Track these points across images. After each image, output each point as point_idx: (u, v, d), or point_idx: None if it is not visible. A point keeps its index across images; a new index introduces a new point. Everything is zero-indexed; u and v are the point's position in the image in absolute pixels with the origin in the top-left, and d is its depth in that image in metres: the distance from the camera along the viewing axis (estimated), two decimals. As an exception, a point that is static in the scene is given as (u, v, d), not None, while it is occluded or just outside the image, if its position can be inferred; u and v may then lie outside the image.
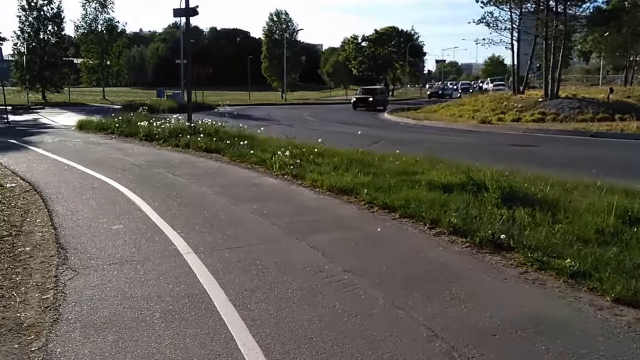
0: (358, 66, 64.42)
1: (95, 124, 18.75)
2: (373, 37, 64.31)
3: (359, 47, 65.12)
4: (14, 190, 8.78)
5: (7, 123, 21.99)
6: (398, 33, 64.50)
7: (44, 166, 10.99)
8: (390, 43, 63.87)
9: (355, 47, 65.25)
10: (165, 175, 10.13)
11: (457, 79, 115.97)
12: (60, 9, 45.20)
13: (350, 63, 65.51)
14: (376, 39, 63.93)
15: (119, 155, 12.65)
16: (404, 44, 63.60)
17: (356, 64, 64.48)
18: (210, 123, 15.65)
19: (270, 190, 8.88)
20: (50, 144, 14.74)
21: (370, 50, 63.83)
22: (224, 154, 12.54)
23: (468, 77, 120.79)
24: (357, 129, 22.82)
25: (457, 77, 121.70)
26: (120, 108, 31.21)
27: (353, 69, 65.32)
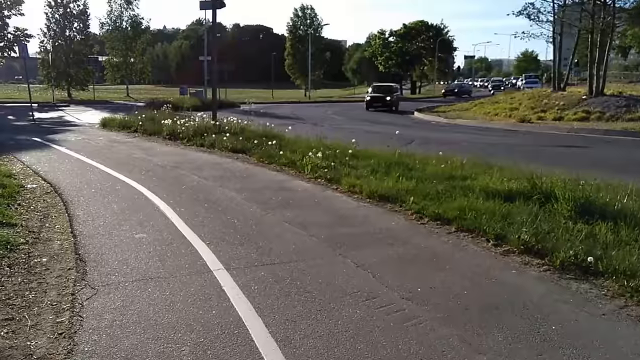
0: (385, 62, 63.21)
1: (118, 122, 18.44)
2: (401, 32, 62.83)
3: (386, 43, 63.82)
4: (34, 191, 8.37)
5: (32, 120, 21.89)
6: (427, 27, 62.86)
7: (67, 166, 10.60)
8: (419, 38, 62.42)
9: (382, 42, 63.97)
10: (191, 177, 9.61)
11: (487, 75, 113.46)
12: (86, 5, 45.56)
13: (376, 59, 64.35)
14: (404, 33, 62.42)
15: (142, 155, 12.22)
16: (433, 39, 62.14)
17: (383, 60, 63.26)
18: (235, 121, 15.14)
19: (304, 196, 8.27)
20: (74, 143, 14.42)
21: (397, 46, 62.51)
22: (251, 154, 12.00)
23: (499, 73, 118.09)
24: (387, 128, 22.20)
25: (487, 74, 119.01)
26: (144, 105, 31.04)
27: (379, 65, 64.15)
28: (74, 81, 44.77)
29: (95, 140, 15.06)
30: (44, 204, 7.59)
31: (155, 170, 10.23)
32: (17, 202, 7.53)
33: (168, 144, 14.45)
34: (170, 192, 8.28)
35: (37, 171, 9.99)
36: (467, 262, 5.24)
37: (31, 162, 11.09)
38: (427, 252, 5.61)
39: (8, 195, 7.66)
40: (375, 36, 66.49)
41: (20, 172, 9.93)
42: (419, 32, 62.60)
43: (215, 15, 15.87)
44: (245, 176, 9.86)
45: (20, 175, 9.61)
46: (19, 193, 8.06)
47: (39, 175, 9.63)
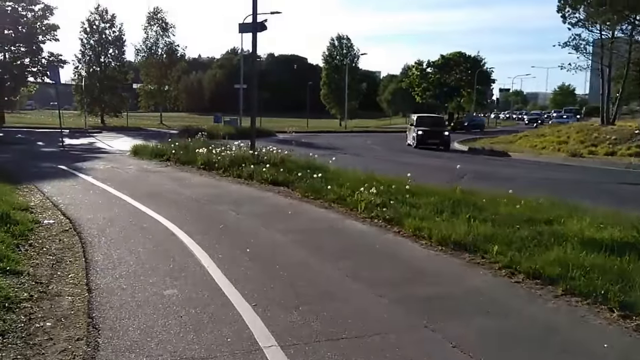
0: (422, 93, 62.31)
1: (150, 150, 17.76)
2: (439, 63, 61.94)
3: (424, 74, 63.02)
4: (51, 228, 7.44)
5: (61, 147, 21.51)
6: (465, 59, 62.01)
7: (91, 198, 9.72)
8: (457, 69, 61.51)
9: (420, 73, 63.22)
10: (228, 213, 8.56)
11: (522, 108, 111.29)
12: (121, 32, 46.27)
13: (413, 90, 63.54)
14: (442, 64, 61.56)
15: (174, 187, 11.29)
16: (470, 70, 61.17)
17: (420, 91, 62.39)
18: (275, 151, 14.18)
19: (363, 242, 7.09)
20: (101, 171, 13.67)
21: (435, 77, 61.61)
22: (293, 187, 10.93)
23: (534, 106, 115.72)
24: (432, 160, 20.98)
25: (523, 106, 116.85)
26: (177, 133, 30.69)
27: (417, 96, 63.29)
28: (108, 107, 45.14)
29: (124, 169, 14.30)
30: (59, 244, 6.62)
31: (188, 204, 9.23)
32: (29, 242, 6.60)
33: (202, 175, 13.54)
34: (205, 232, 7.22)
35: (57, 204, 9.12)
36: (594, 342, 3.98)
37: (52, 192, 10.27)
38: (537, 325, 4.35)
39: (19, 234, 6.73)
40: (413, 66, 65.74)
41: (38, 205, 9.07)
42: (457, 63, 61.65)
43: (256, 38, 15.14)
44: (290, 214, 8.75)
45: (38, 209, 8.74)
46: (33, 231, 7.13)
47: (59, 208, 8.75)
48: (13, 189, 10.48)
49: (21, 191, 10.48)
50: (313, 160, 13.39)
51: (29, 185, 11.20)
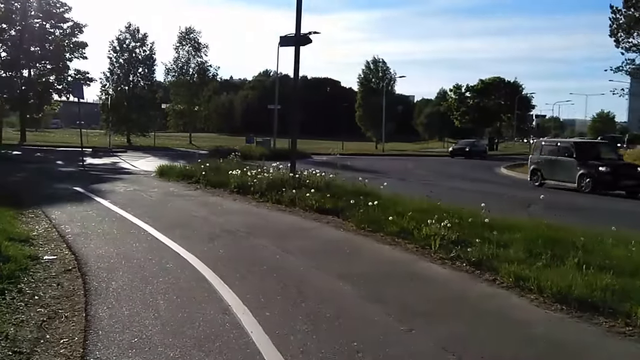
0: (461, 117, 60.92)
1: (177, 171, 16.49)
2: (478, 87, 60.94)
3: (462, 98, 61.85)
4: (50, 267, 6.07)
5: (81, 166, 20.54)
6: (504, 84, 60.94)
7: (105, 227, 8.35)
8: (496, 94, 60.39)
9: (459, 97, 62.06)
10: (272, 250, 7.04)
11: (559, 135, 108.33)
12: (152, 51, 46.05)
13: (452, 114, 62.27)
14: (481, 89, 60.51)
15: (204, 214, 9.86)
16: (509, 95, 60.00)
17: (459, 115, 61.04)
18: (318, 174, 12.68)
19: (450, 294, 5.50)
20: (121, 195, 12.39)
21: (474, 101, 60.33)
22: (345, 217, 9.37)
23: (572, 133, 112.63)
24: (484, 186, 19.15)
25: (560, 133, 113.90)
26: (207, 154, 29.65)
27: (455, 120, 61.96)
28: (135, 127, 44.65)
29: (148, 192, 12.99)
30: (57, 291, 5.21)
31: (222, 237, 7.74)
32: (19, 286, 5.21)
33: (236, 200, 12.10)
34: (244, 276, 5.72)
35: (64, 234, 7.78)
36: None
37: (61, 219, 8.96)
38: None
39: (8, 275, 5.35)
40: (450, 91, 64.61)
41: (41, 235, 7.74)
42: (496, 88, 60.48)
43: (299, 53, 13.81)
44: (348, 252, 7.19)
45: (40, 240, 7.41)
46: (27, 270, 5.75)
47: (65, 240, 7.39)
48: (16, 214, 9.25)
49: (25, 217, 9.22)
50: (361, 185, 11.82)
51: (36, 209, 9.95)
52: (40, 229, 8.25)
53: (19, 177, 16.28)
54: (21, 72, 39.02)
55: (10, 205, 9.91)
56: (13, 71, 38.20)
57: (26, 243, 7.13)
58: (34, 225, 8.54)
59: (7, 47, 38.15)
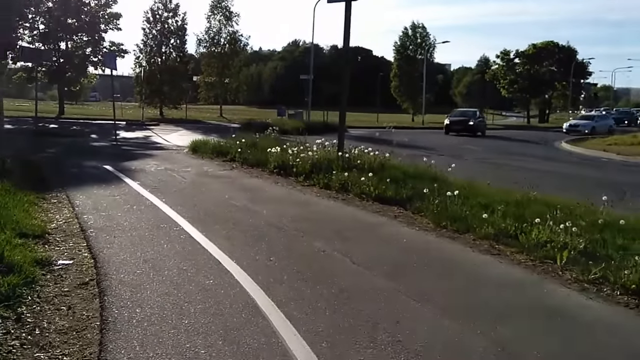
0: (509, 86, 57.21)
1: (211, 147, 15.18)
2: (529, 53, 56.56)
3: (510, 65, 57.77)
4: (63, 278, 4.82)
5: (114, 141, 19.47)
6: (559, 49, 56.45)
7: (132, 219, 7.07)
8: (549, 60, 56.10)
9: (506, 64, 58.00)
10: (337, 260, 5.55)
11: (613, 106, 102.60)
12: (184, 21, 44.63)
13: (498, 83, 58.58)
14: (533, 55, 56.17)
15: (244, 202, 8.49)
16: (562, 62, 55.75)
17: (506, 84, 57.30)
18: (370, 153, 11.18)
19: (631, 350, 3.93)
20: (152, 175, 11.13)
21: (524, 68, 56.34)
22: (414, 209, 7.82)
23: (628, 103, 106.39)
24: (557, 166, 17.27)
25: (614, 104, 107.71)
26: (240, 127, 28.35)
27: (501, 89, 58.38)
28: (167, 99, 43.69)
29: (180, 172, 11.71)
30: (66, 321, 3.93)
31: (270, 237, 6.34)
32: (19, 310, 3.95)
33: (278, 183, 10.70)
34: (312, 303, 4.30)
35: (85, 227, 6.52)
36: None
37: (85, 207, 7.74)
38: None
39: (7, 295, 4.10)
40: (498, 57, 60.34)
41: (59, 228, 6.51)
42: (550, 53, 56.07)
43: (350, 10, 12.13)
44: (443, 266, 5.53)
45: (58, 235, 6.17)
46: (33, 284, 4.51)
47: (86, 236, 6.13)
48: (37, 198, 8.09)
49: (47, 202, 8.05)
50: (425, 167, 10.28)
51: (60, 193, 8.77)
52: (61, 219, 7.04)
53: (49, 153, 15.24)
54: (58, 44, 38.41)
55: (34, 187, 8.78)
56: (50, 43, 37.58)
57: (40, 240, 5.92)
58: (55, 213, 7.34)
59: (45, 19, 37.47)
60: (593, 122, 38.53)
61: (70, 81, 41.29)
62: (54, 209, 7.67)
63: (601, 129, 37.28)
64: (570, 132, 37.17)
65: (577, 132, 36.29)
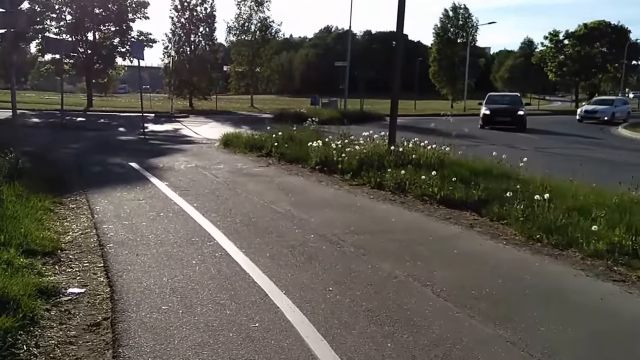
0: (557, 69, 54.43)
1: (244, 141, 14.23)
2: (580, 33, 53.55)
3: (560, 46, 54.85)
4: (73, 314, 3.90)
5: (142, 134, 18.76)
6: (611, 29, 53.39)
7: (159, 229, 6.14)
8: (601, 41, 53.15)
9: (555, 45, 55.10)
10: (411, 287, 4.46)
11: None
12: (213, 8, 43.83)
13: (546, 65, 55.84)
14: (583, 35, 53.12)
15: (287, 206, 7.47)
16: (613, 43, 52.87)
17: (554, 67, 54.52)
18: (426, 146, 10.03)
19: None
20: (181, 174, 10.23)
21: (574, 50, 53.46)
22: (492, 215, 6.66)
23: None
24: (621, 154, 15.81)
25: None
26: (272, 117, 27.43)
27: (549, 72, 55.66)
28: (197, 90, 43.08)
29: (212, 170, 10.79)
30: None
31: (323, 255, 5.28)
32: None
33: (322, 181, 9.65)
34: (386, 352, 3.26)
35: (104, 240, 5.62)
36: None
37: (106, 213, 6.86)
38: None
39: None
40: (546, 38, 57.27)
41: (74, 242, 5.63)
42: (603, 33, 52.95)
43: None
44: (555, 299, 4.36)
45: (71, 253, 5.28)
46: (32, 326, 3.59)
47: (103, 254, 5.22)
48: (54, 203, 7.30)
49: (64, 207, 7.22)
50: (490, 162, 9.06)
51: (80, 196, 7.95)
52: (77, 229, 6.17)
53: (73, 149, 14.57)
54: (85, 35, 38.09)
55: (52, 189, 8.00)
56: (77, 34, 37.27)
57: (50, 258, 5.06)
58: (71, 222, 6.49)
59: (71, 9, 37.13)
60: (612, 107, 33.21)
61: (98, 73, 41.07)
62: (71, 216, 6.82)
63: (622, 115, 33.04)
64: (586, 119, 32.26)
65: (593, 119, 31.70)
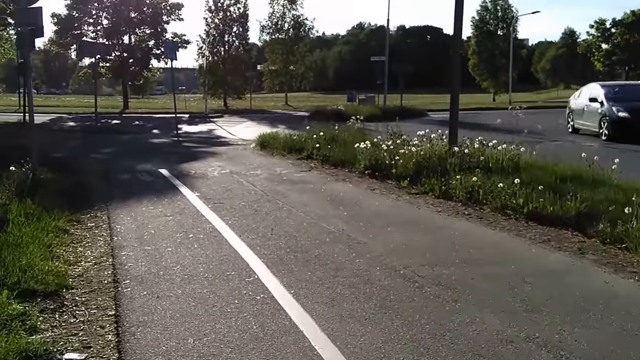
0: (605, 58, 51.91)
1: (282, 142, 13.08)
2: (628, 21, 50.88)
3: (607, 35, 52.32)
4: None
5: (175, 136, 17.89)
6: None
7: (185, 259, 5.00)
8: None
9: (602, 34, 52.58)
10: (533, 356, 3.23)
11: None
12: (246, 8, 43.23)
13: (593, 55, 53.34)
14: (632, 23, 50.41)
15: (340, 224, 6.19)
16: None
17: (601, 56, 51.99)
18: (496, 147, 8.65)
19: None
20: (215, 182, 9.12)
21: (622, 38, 50.85)
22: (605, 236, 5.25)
23: None
24: None
25: None
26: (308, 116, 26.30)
27: (596, 62, 53.15)
28: (231, 89, 42.53)
29: (249, 177, 9.64)
30: None
31: (399, 300, 3.96)
32: None
33: (374, 189, 8.38)
34: None
35: (120, 276, 4.50)
36: None
37: (126, 236, 5.76)
38: None
39: None
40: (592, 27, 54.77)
41: (84, 276, 4.54)
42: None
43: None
44: None
45: (78, 293, 4.19)
46: None
47: (117, 296, 4.09)
48: (71, 221, 6.27)
49: (81, 227, 6.18)
50: (578, 165, 7.62)
51: (100, 211, 6.92)
52: (91, 257, 5.11)
53: (103, 155, 13.75)
54: (121, 39, 38.29)
55: (72, 203, 7.01)
56: (114, 38, 37.35)
57: (51, 302, 3.99)
58: (86, 247, 5.43)
59: (108, 14, 37.40)
60: None
61: (133, 75, 41.07)
62: (87, 238, 5.77)
63: None
64: None
65: None
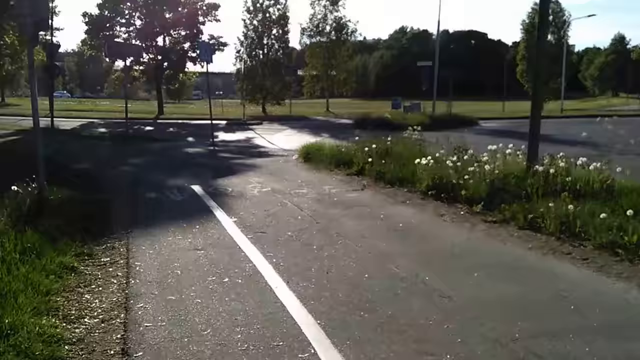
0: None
1: (328, 154, 11.92)
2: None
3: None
4: None
5: (211, 145, 17.00)
6: None
7: (219, 317, 3.91)
8: None
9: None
10: None
11: None
12: (286, 9, 42.21)
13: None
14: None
15: (411, 265, 4.98)
16: None
17: (658, 64, 49.60)
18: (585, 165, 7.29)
19: None
20: (255, 204, 8.02)
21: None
22: None
23: None
24: None
25: None
26: (352, 123, 25.19)
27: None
28: (270, 95, 41.53)
29: (294, 198, 8.48)
30: None
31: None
32: None
33: (442, 214, 7.11)
34: None
35: (131, 346, 3.40)
36: None
37: (146, 279, 4.68)
38: None
39: None
40: None
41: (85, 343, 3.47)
42: None
43: None
44: None
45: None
46: None
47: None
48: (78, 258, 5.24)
49: (93, 264, 5.17)
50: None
51: (119, 241, 5.89)
52: (99, 309, 4.06)
53: (131, 166, 12.90)
54: (155, 40, 37.38)
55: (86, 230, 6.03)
56: (147, 40, 36.61)
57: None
58: (95, 293, 4.40)
59: (141, 14, 36.45)
60: None
61: (168, 79, 40.34)
62: (98, 280, 4.75)
63: None
64: None
65: None
